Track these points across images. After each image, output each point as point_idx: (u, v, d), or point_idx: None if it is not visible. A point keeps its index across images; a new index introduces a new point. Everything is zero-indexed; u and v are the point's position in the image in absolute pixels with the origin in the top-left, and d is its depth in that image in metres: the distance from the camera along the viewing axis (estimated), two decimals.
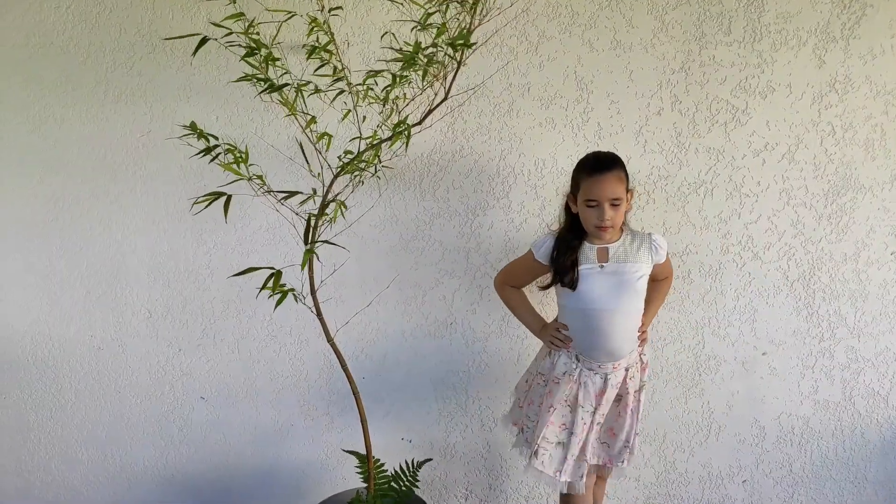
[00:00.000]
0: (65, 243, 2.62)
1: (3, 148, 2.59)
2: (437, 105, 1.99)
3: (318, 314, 2.08)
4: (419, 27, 1.87)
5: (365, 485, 2.26)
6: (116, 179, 2.56)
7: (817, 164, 2.37)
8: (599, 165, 1.99)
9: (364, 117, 2.11)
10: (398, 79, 1.79)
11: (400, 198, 2.48)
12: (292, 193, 1.82)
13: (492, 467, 2.65)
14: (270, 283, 1.72)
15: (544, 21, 2.35)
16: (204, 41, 1.73)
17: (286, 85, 1.78)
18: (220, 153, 1.75)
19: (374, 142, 1.97)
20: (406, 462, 2.34)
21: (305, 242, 1.84)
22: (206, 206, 1.73)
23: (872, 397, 2.50)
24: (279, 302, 1.91)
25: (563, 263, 2.05)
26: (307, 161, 2.02)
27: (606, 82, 2.37)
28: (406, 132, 1.78)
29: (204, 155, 1.76)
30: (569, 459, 2.10)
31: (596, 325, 2.05)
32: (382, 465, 2.31)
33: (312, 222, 1.89)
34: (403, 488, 2.27)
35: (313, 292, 2.07)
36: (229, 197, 1.70)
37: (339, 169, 1.99)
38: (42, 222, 2.61)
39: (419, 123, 2.01)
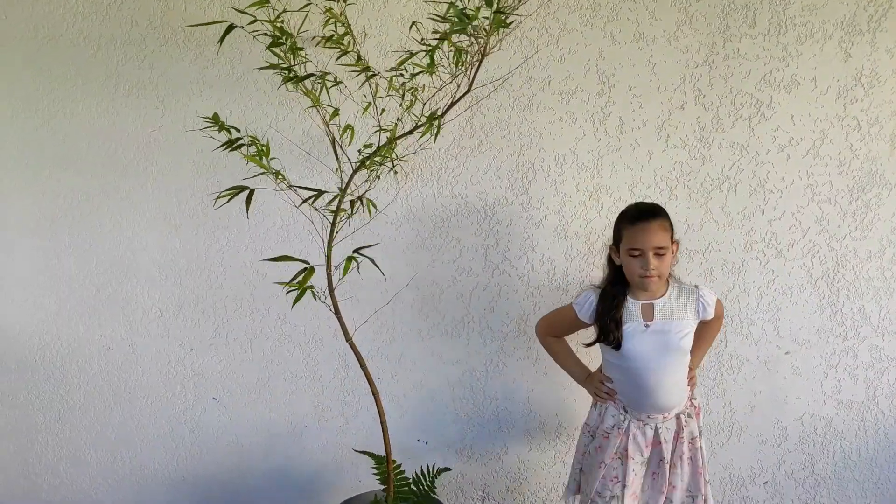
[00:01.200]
0: (74, 241, 2.51)
1: (12, 143, 2.47)
2: (461, 97, 1.89)
3: (337, 313, 1.98)
4: (441, 19, 1.76)
5: (381, 487, 2.15)
6: (127, 175, 2.44)
7: (842, 160, 2.28)
8: (642, 214, 1.92)
9: (383, 110, 2.00)
10: (433, 62, 1.68)
11: (417, 194, 2.37)
12: (319, 193, 1.71)
13: (509, 469, 2.54)
14: (298, 279, 1.61)
15: (565, 13, 2.25)
16: (230, 29, 1.63)
17: (311, 75, 1.68)
18: (242, 145, 1.65)
19: (396, 135, 1.87)
20: (427, 466, 2.23)
21: (331, 242, 1.74)
22: (229, 201, 1.62)
23: None
24: (297, 299, 1.81)
25: (607, 322, 1.95)
26: (336, 155, 1.90)
27: (629, 76, 2.27)
28: (438, 122, 1.68)
29: (226, 148, 1.66)
30: None
31: (641, 384, 1.97)
32: (399, 465, 2.20)
33: (339, 220, 1.79)
34: (424, 489, 2.17)
35: (331, 290, 1.97)
36: (252, 191, 1.60)
37: (358, 163, 1.89)
38: (51, 219, 2.50)
39: (444, 115, 1.90)
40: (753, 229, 2.33)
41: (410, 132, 1.84)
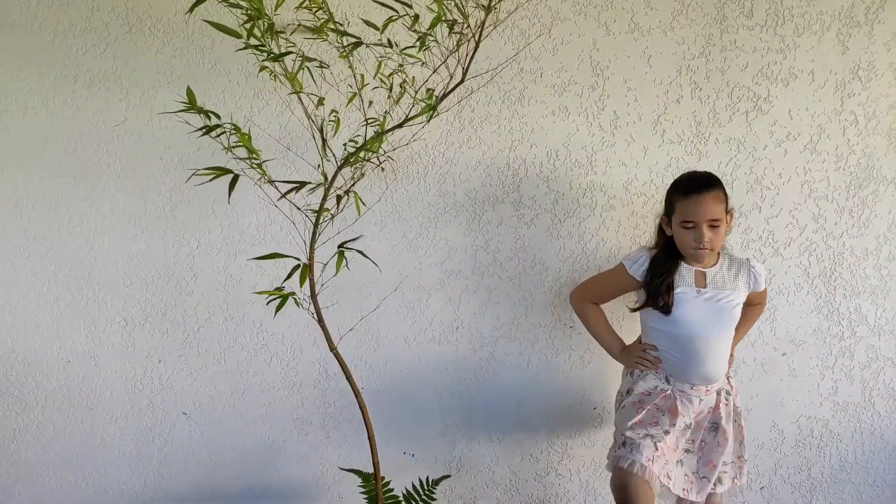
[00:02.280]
0: (29, 246, 2.25)
1: None
2: (455, 87, 1.73)
3: (320, 321, 1.79)
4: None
5: None
6: (87, 173, 2.20)
7: (839, 156, 2.18)
8: (696, 185, 1.83)
9: (370, 102, 1.82)
10: (427, 37, 1.50)
11: (403, 192, 2.19)
12: (302, 184, 1.53)
13: (500, 481, 2.37)
14: (281, 284, 1.42)
15: (558, 1, 2.10)
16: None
17: (290, 52, 1.49)
18: (223, 132, 1.45)
19: (385, 128, 1.69)
20: (420, 480, 2.06)
21: (313, 243, 1.55)
22: (211, 180, 1.43)
23: (892, 397, 2.31)
24: (279, 307, 1.63)
25: (658, 285, 1.87)
26: (319, 148, 1.71)
27: (623, 68, 2.14)
28: (434, 102, 1.50)
29: (204, 133, 1.46)
30: (656, 452, 1.80)
31: (691, 351, 1.88)
32: (388, 482, 2.02)
33: (322, 220, 1.60)
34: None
35: (314, 297, 1.78)
36: (236, 176, 1.40)
37: (343, 159, 1.71)
38: (2, 224, 2.24)
39: (442, 99, 1.72)
40: (751, 227, 2.22)
41: (400, 125, 1.66)
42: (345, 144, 1.72)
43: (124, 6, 2.13)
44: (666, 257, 1.90)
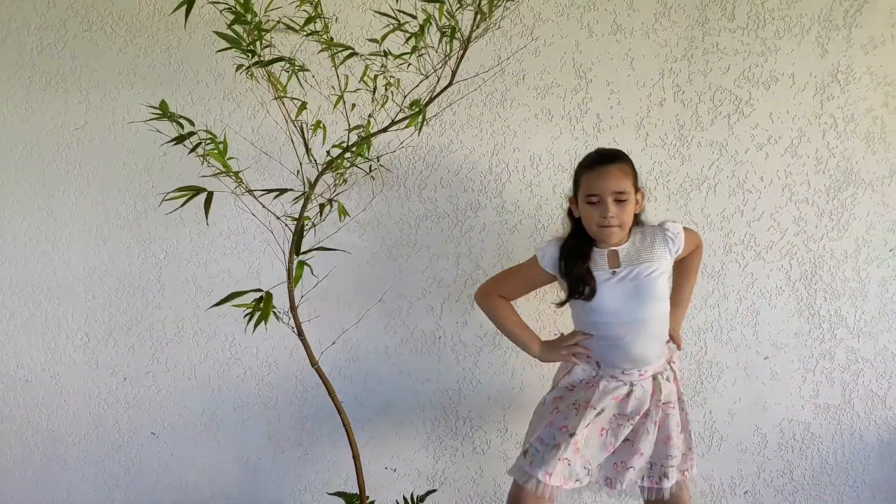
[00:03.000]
0: None
1: None
2: (443, 90, 1.63)
3: (300, 334, 1.67)
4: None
5: None
6: (45, 181, 2.05)
7: (819, 159, 2.15)
8: (601, 157, 1.69)
9: (353, 105, 1.72)
10: (423, 31, 1.40)
11: (382, 198, 2.09)
12: (283, 191, 1.41)
13: (484, 494, 2.28)
14: (258, 304, 1.31)
15: (540, 1, 2.03)
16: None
17: (281, 59, 1.37)
18: (199, 143, 1.33)
19: (370, 132, 1.59)
20: (405, 497, 1.95)
21: (297, 252, 1.44)
22: (183, 205, 1.30)
23: (871, 398, 2.29)
24: (258, 322, 1.52)
25: (576, 272, 1.70)
26: (308, 152, 1.59)
27: (606, 70, 2.07)
28: (423, 110, 1.40)
29: (175, 143, 1.33)
30: (559, 462, 1.69)
31: (616, 338, 1.72)
32: (373, 502, 1.92)
33: (303, 227, 1.49)
34: None
35: (293, 310, 1.66)
36: (210, 194, 1.28)
37: (325, 164, 1.60)
38: None
39: (428, 104, 1.61)
40: (733, 231, 2.17)
41: (385, 129, 1.56)
42: (328, 151, 1.61)
43: (83, 2, 1.98)
44: (577, 243, 1.74)
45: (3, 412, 2.17)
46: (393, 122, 1.52)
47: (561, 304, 1.79)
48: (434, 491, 2.11)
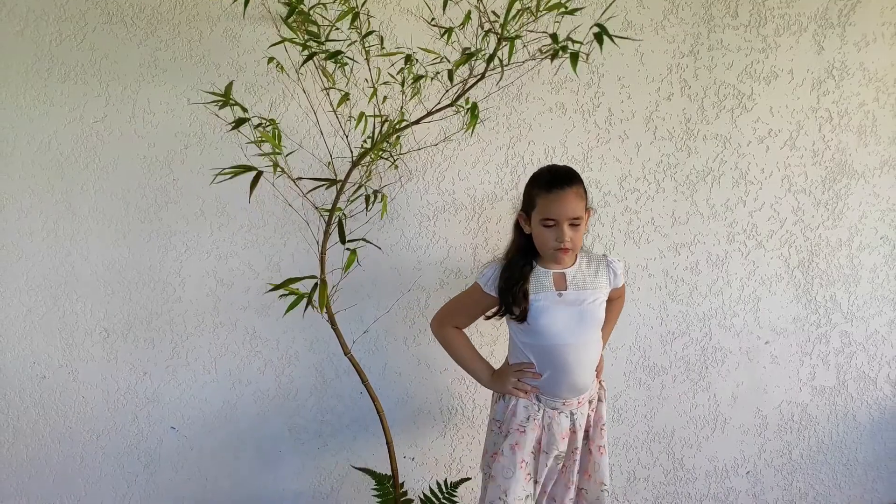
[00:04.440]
0: None
1: None
2: (476, 83, 1.62)
3: (333, 324, 1.65)
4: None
5: None
6: (64, 174, 1.98)
7: (816, 151, 2.20)
8: (558, 181, 1.63)
9: (385, 97, 1.70)
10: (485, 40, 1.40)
11: (401, 191, 2.08)
12: (331, 182, 1.40)
13: None
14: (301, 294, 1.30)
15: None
16: None
17: (339, 53, 1.35)
18: (260, 125, 1.31)
19: (400, 122, 1.58)
20: (438, 483, 1.93)
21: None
22: (232, 178, 1.28)
23: (863, 380, 2.35)
24: (292, 305, 1.49)
25: (512, 293, 1.66)
26: (348, 143, 1.57)
27: (617, 65, 2.10)
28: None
29: (234, 128, 1.31)
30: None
31: (560, 362, 1.68)
32: (402, 484, 1.90)
33: (343, 217, 1.47)
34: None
35: (325, 300, 1.64)
36: (259, 173, 1.26)
37: (358, 154, 1.58)
38: None
39: (462, 91, 1.61)
40: (736, 221, 2.21)
41: (421, 120, 1.55)
42: (364, 141, 1.60)
43: None
44: (521, 259, 1.69)
45: (18, 410, 2.09)
46: (428, 113, 1.51)
47: (489, 316, 1.75)
48: (468, 479, 2.09)
